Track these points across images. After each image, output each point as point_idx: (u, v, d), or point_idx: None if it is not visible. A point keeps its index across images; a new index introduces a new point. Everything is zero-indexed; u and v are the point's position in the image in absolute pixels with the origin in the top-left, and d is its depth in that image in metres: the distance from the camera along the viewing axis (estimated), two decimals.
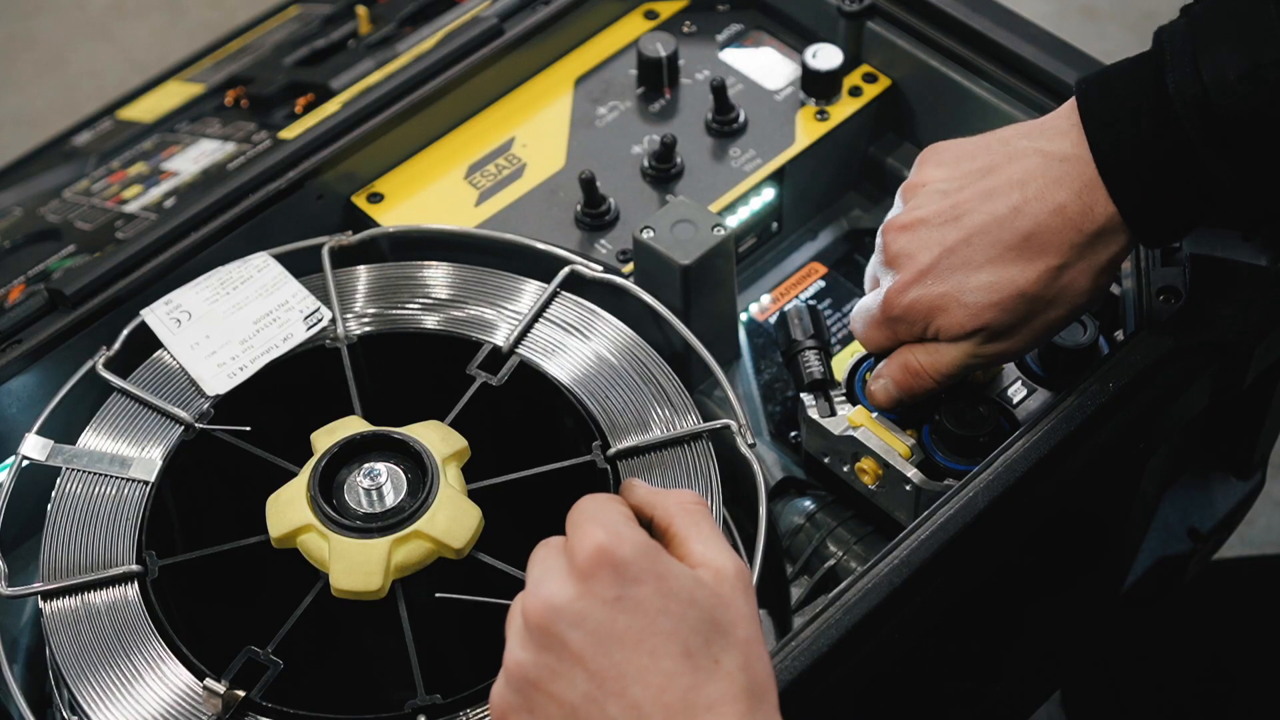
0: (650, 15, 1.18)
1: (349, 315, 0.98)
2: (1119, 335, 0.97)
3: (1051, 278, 0.85)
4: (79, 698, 0.84)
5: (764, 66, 1.14)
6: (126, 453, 0.93)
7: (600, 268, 1.00)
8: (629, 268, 1.03)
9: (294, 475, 0.88)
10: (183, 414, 0.94)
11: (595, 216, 1.06)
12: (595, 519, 0.72)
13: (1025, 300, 0.86)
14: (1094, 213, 0.84)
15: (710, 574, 0.72)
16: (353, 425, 0.90)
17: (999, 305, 0.86)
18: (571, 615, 0.69)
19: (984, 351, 0.88)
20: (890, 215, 0.91)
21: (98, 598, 0.87)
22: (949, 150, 0.91)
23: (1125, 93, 0.84)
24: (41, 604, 0.87)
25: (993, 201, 0.86)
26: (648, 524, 0.76)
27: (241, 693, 0.82)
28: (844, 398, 0.97)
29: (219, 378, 0.95)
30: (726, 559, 0.73)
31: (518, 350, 0.96)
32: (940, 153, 0.91)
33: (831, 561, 0.99)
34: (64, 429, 0.95)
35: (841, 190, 1.16)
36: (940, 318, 0.88)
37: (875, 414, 0.95)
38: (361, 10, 1.44)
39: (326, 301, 0.98)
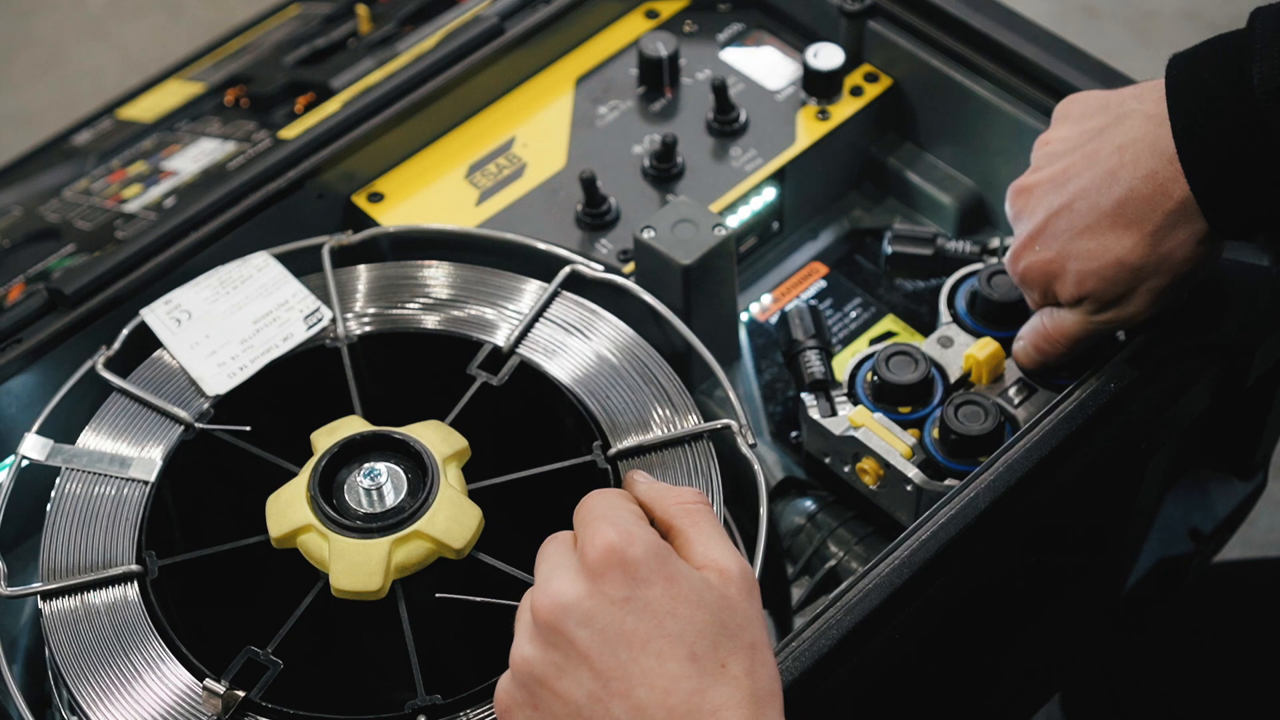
0: (651, 15, 1.18)
1: (349, 315, 0.98)
2: (1120, 335, 0.97)
3: (1149, 246, 0.84)
4: (78, 698, 0.84)
5: (765, 66, 1.14)
6: (126, 452, 0.93)
7: (601, 268, 1.00)
8: (630, 268, 1.03)
9: (294, 475, 0.88)
10: (183, 414, 0.94)
11: (596, 216, 1.06)
12: (606, 517, 0.72)
13: (1125, 269, 0.84)
14: (1184, 181, 0.82)
15: (717, 576, 0.72)
16: (353, 425, 0.90)
17: (1098, 274, 0.85)
18: (580, 613, 0.69)
19: (1099, 319, 0.88)
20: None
21: (97, 598, 0.87)
22: (1078, 104, 0.89)
23: (1210, 76, 0.81)
24: (41, 604, 0.87)
25: (1095, 166, 0.85)
26: (649, 522, 0.76)
27: (241, 693, 0.82)
28: (845, 398, 0.97)
29: (219, 377, 0.95)
30: (731, 560, 0.73)
31: (518, 350, 0.96)
32: (1070, 105, 0.90)
33: (832, 562, 0.99)
34: (64, 429, 0.94)
35: (842, 190, 1.16)
36: (1054, 283, 0.88)
37: (876, 414, 0.95)
38: (362, 9, 1.44)
39: (327, 301, 0.98)
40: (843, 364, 1.00)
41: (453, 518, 0.85)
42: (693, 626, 0.69)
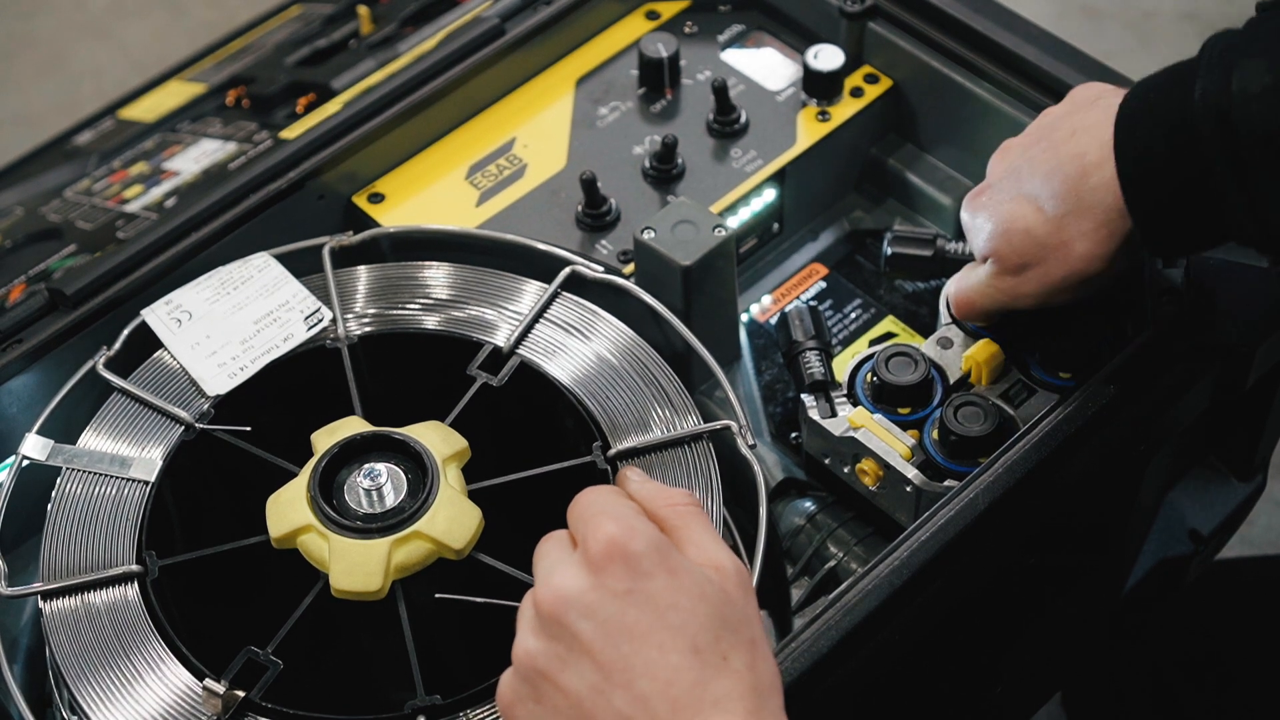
0: (652, 16, 1.18)
1: (349, 315, 0.98)
2: (1116, 340, 0.97)
3: (1054, 225, 0.86)
4: (79, 698, 0.84)
5: (765, 67, 1.14)
6: (127, 453, 0.93)
7: (601, 268, 1.00)
8: (630, 268, 1.03)
9: (294, 475, 0.88)
10: (183, 414, 0.94)
11: (596, 217, 1.06)
12: (606, 512, 0.72)
13: (1029, 239, 0.87)
14: (1107, 172, 0.83)
15: (715, 572, 0.72)
16: (353, 425, 0.90)
17: (1005, 236, 0.88)
18: (583, 606, 0.69)
19: (997, 285, 0.90)
20: None
21: (98, 598, 0.87)
22: (1085, 90, 0.92)
23: (1158, 92, 0.82)
24: (41, 604, 0.87)
25: (1052, 139, 0.88)
26: None
27: (241, 693, 0.82)
28: (845, 399, 0.97)
29: (219, 378, 0.95)
30: (727, 558, 0.73)
31: (518, 351, 0.96)
32: (1079, 90, 0.92)
33: (832, 563, 0.99)
34: (64, 429, 0.95)
35: (843, 191, 1.16)
36: (977, 236, 0.91)
37: (876, 415, 0.95)
38: (363, 10, 1.44)
39: (327, 301, 0.98)
40: (842, 365, 1.00)
41: (453, 518, 0.85)
42: (694, 619, 0.69)
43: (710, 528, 0.76)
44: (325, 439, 0.89)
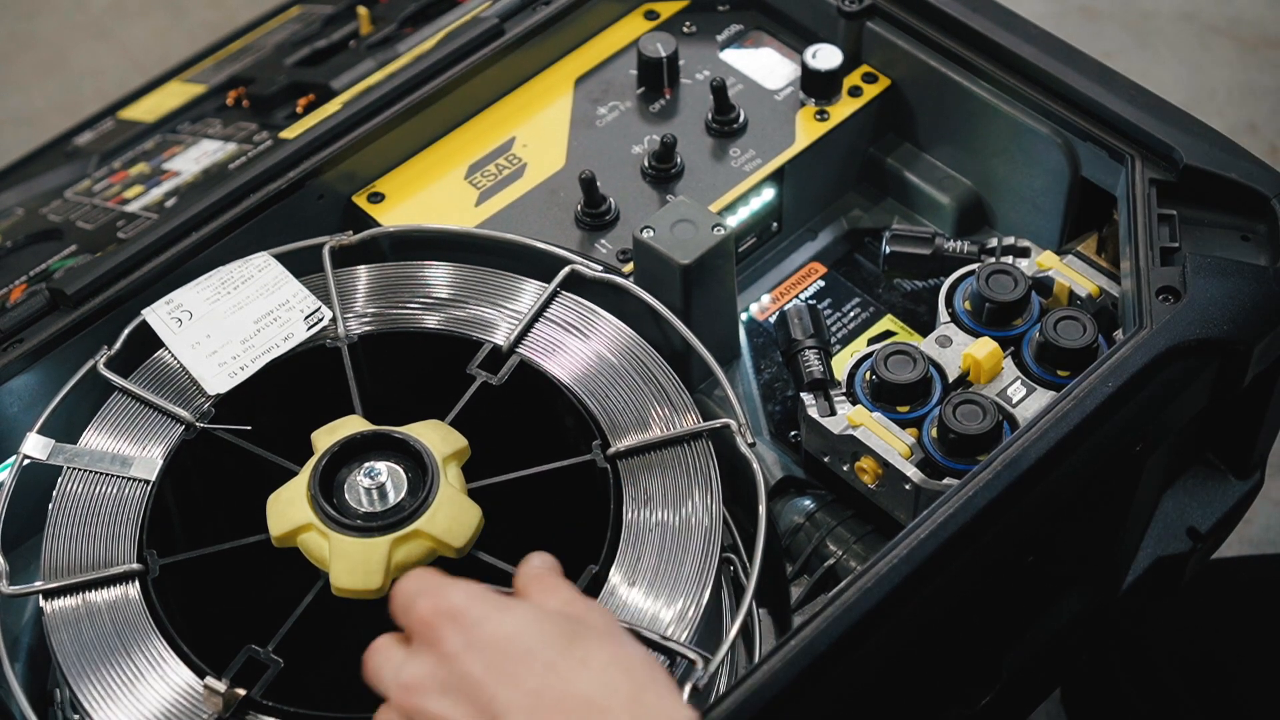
0: (650, 15, 1.18)
1: (349, 315, 0.98)
2: (1118, 335, 0.97)
3: None
4: (80, 696, 0.84)
5: (764, 67, 1.14)
6: (127, 452, 0.93)
7: (600, 267, 1.00)
8: (629, 267, 1.03)
9: (294, 474, 0.88)
10: (183, 413, 0.94)
11: (595, 216, 1.06)
12: (417, 591, 0.74)
13: None
14: None
15: (551, 594, 0.74)
16: (353, 424, 0.90)
17: None
18: (434, 684, 0.71)
19: None
20: None
21: (99, 597, 0.87)
22: None
23: None
24: (42, 603, 0.87)
25: None
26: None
27: (242, 691, 0.83)
28: (844, 397, 0.98)
29: (220, 377, 0.95)
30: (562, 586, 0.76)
31: (518, 350, 0.96)
32: None
33: (831, 561, 0.99)
34: (65, 428, 0.95)
35: (841, 190, 1.16)
36: None
37: (875, 413, 0.96)
38: (362, 10, 1.44)
39: (327, 301, 0.98)
40: (841, 363, 1.00)
41: (453, 517, 0.85)
42: (539, 638, 0.70)
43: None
44: (325, 438, 0.89)
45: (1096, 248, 1.06)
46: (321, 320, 0.97)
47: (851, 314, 1.09)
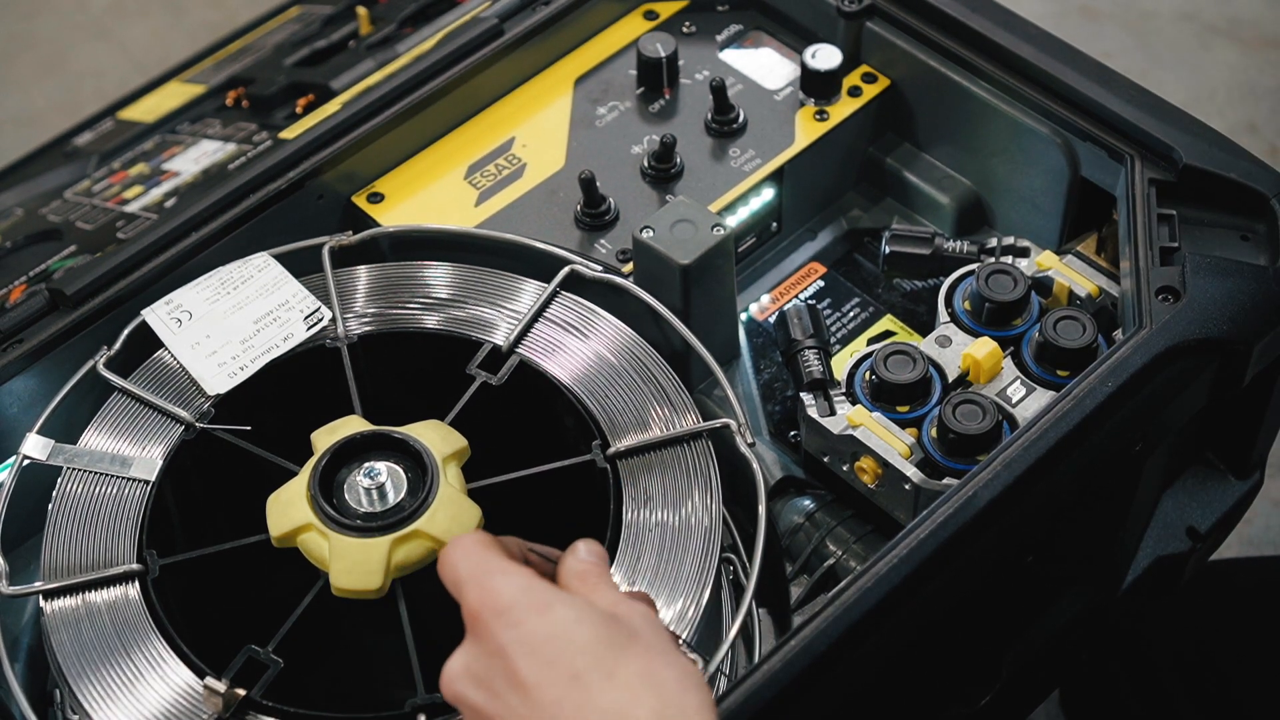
0: (650, 15, 1.18)
1: (349, 315, 0.98)
2: (1118, 334, 0.97)
3: None
4: (80, 696, 0.84)
5: (763, 67, 1.14)
6: (127, 452, 0.93)
7: (600, 267, 1.00)
8: (629, 267, 1.03)
9: (294, 474, 0.88)
10: (183, 413, 0.94)
11: (595, 216, 1.06)
12: (466, 580, 0.73)
13: None
14: None
15: (602, 596, 0.73)
16: (353, 425, 0.90)
17: None
18: (471, 677, 0.71)
19: None
20: None
21: (98, 597, 0.87)
22: None
23: None
24: (42, 603, 0.87)
25: None
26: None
27: (242, 691, 0.83)
28: (843, 397, 0.98)
29: (219, 377, 0.95)
30: (610, 590, 0.74)
31: (518, 350, 0.96)
32: None
33: (831, 560, 0.99)
34: (65, 429, 0.95)
35: (841, 190, 1.16)
36: None
37: (874, 413, 0.96)
38: (362, 11, 1.44)
39: (327, 301, 0.98)
40: (841, 363, 1.00)
41: (453, 517, 0.85)
42: (570, 646, 0.70)
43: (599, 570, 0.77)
44: (325, 438, 0.89)
45: (1096, 248, 1.06)
46: (321, 320, 0.97)
47: (851, 314, 1.09)
